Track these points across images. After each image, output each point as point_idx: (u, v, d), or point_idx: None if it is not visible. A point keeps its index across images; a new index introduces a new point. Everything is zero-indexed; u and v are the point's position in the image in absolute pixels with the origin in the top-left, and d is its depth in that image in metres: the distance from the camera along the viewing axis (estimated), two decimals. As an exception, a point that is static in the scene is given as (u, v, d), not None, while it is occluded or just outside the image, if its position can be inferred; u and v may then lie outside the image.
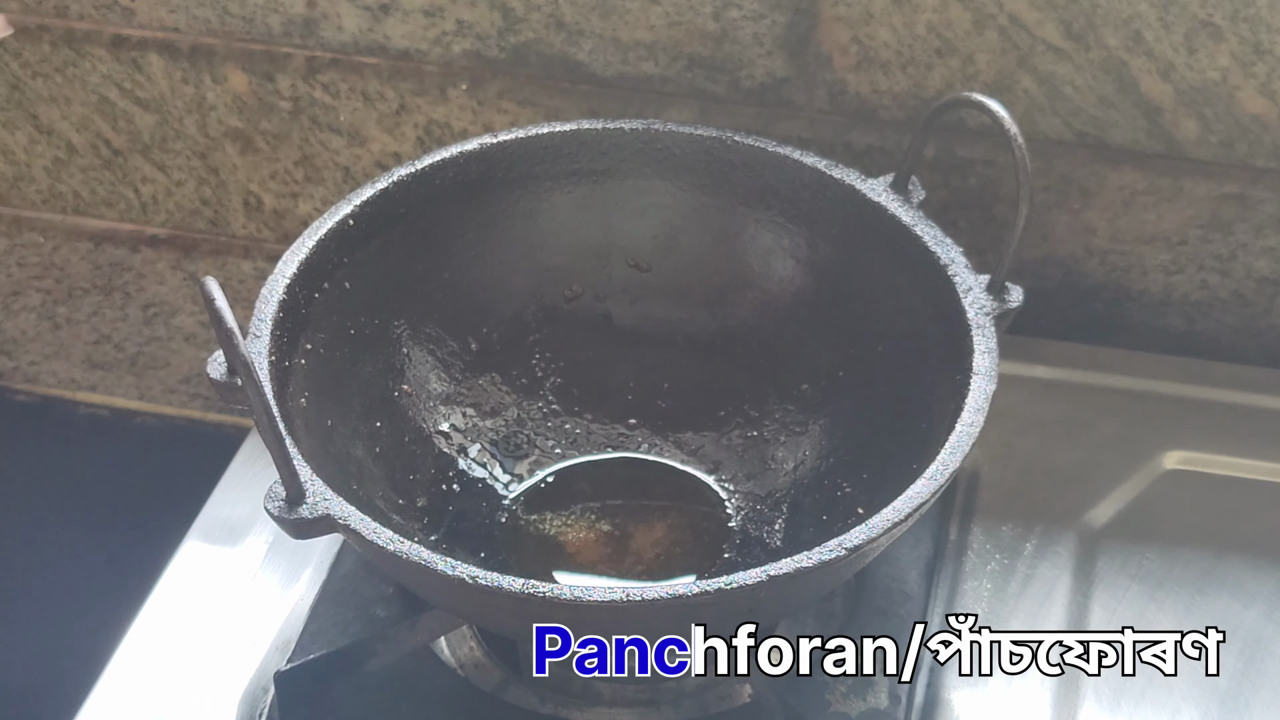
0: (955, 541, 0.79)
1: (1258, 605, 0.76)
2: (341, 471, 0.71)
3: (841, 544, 0.61)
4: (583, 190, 0.80)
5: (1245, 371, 0.89)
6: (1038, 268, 0.90)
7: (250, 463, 0.86)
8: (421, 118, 0.92)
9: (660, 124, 0.79)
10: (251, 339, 0.68)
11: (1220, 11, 0.80)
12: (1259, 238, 0.87)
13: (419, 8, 0.88)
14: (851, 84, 0.86)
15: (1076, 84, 0.84)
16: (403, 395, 0.78)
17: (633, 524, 0.78)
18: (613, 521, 0.78)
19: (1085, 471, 0.82)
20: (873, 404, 0.76)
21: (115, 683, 0.75)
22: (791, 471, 0.79)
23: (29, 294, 1.08)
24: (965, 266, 0.72)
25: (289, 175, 0.97)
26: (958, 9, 0.82)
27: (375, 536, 0.61)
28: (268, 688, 0.73)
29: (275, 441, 0.60)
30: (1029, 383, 0.86)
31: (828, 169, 0.77)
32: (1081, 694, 0.72)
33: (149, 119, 0.96)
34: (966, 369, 0.68)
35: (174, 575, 0.80)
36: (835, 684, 0.70)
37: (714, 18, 0.85)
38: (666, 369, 0.83)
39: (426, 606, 0.73)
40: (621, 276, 0.82)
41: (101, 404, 1.14)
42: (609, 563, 0.77)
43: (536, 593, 0.60)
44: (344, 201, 0.75)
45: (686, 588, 0.60)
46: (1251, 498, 0.81)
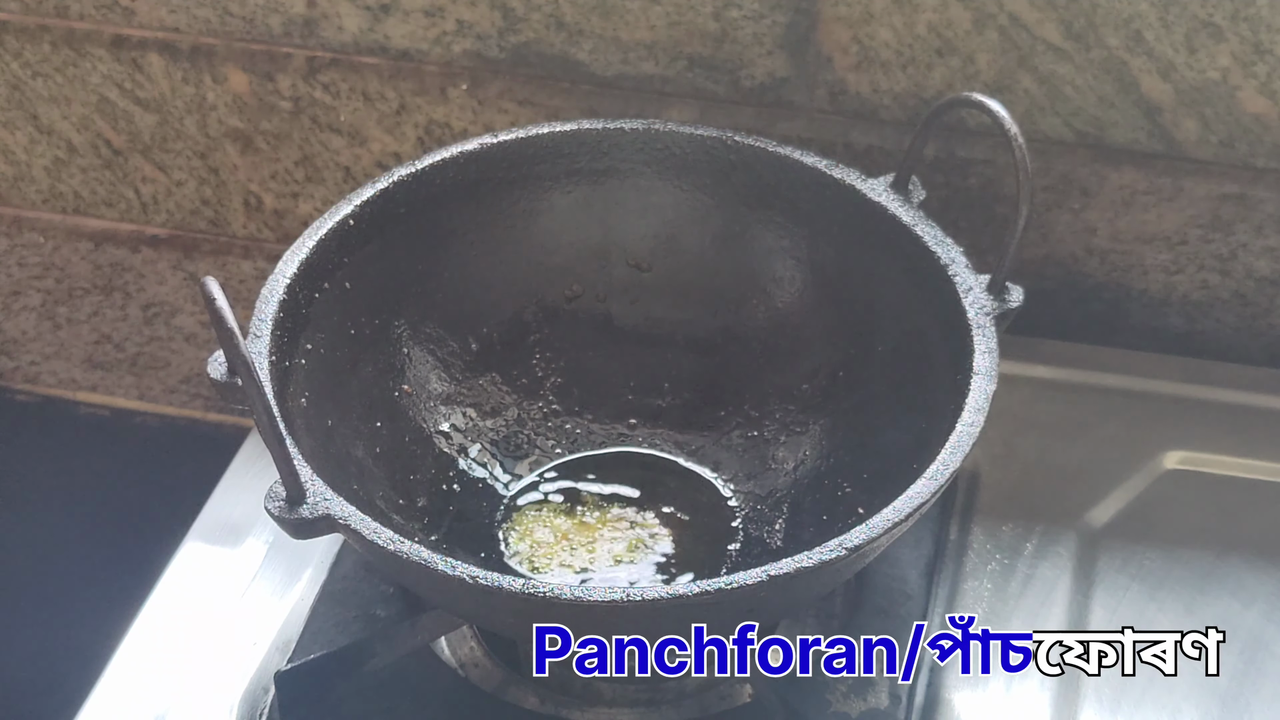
0: (955, 541, 0.79)
1: (1258, 605, 0.76)
2: (342, 471, 0.71)
3: (842, 544, 0.61)
4: (583, 190, 0.80)
5: (1245, 371, 0.89)
6: (1038, 268, 0.90)
7: (250, 463, 0.86)
8: (422, 118, 0.92)
9: (660, 124, 0.79)
10: (252, 339, 0.68)
11: (1220, 11, 0.80)
12: (1259, 238, 0.87)
13: (419, 8, 0.88)
14: (852, 84, 0.86)
15: (1077, 84, 0.84)
16: (403, 395, 0.78)
17: (633, 524, 0.78)
18: (612, 521, 0.78)
19: (1085, 471, 0.82)
20: (873, 404, 0.76)
21: (115, 683, 0.75)
22: (792, 471, 0.79)
23: (29, 294, 1.08)
24: (965, 266, 0.72)
25: (289, 175, 0.97)
26: (958, 9, 0.82)
27: (375, 536, 0.61)
28: (268, 688, 0.73)
29: (275, 441, 0.60)
30: (1029, 383, 0.86)
31: (828, 169, 0.77)
32: (1081, 694, 0.72)
33: (149, 119, 0.96)
34: (967, 369, 0.68)
35: (174, 575, 0.80)
36: (835, 684, 0.70)
37: (714, 18, 0.85)
38: (666, 369, 0.83)
39: (426, 606, 0.73)
40: (621, 276, 0.82)
41: (101, 404, 1.14)
42: (608, 562, 0.77)
43: (536, 593, 0.60)
44: (344, 201, 0.75)
45: (686, 588, 0.60)
46: (1251, 498, 0.81)
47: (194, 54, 0.93)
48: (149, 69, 0.94)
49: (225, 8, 0.90)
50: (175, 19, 0.92)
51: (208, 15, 0.91)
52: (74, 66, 0.95)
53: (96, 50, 0.94)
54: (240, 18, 0.91)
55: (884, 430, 0.75)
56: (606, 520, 0.78)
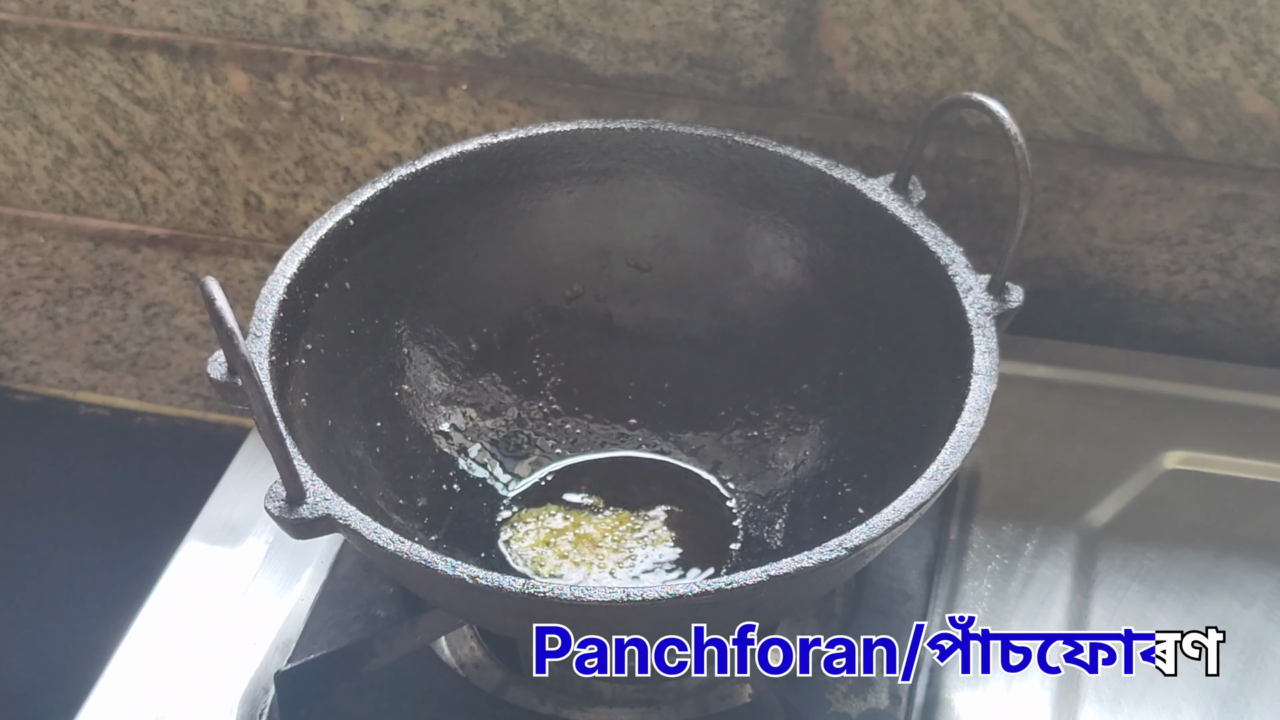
0: (955, 541, 0.79)
1: (1258, 605, 0.76)
2: (342, 471, 0.71)
3: (842, 544, 0.61)
4: (583, 190, 0.80)
5: (1245, 371, 0.89)
6: (1038, 268, 0.90)
7: (250, 463, 0.86)
8: (422, 118, 0.92)
9: (660, 124, 0.79)
10: (252, 339, 0.68)
11: (1220, 11, 0.80)
12: (1259, 238, 0.87)
13: (419, 8, 0.88)
14: (851, 84, 0.86)
15: (1077, 84, 0.84)
16: (403, 395, 0.78)
17: (633, 523, 0.78)
18: (612, 521, 0.78)
19: (1085, 471, 0.82)
20: (873, 404, 0.76)
21: (115, 683, 0.75)
22: (792, 471, 0.79)
23: (29, 294, 1.08)
24: (965, 266, 0.72)
25: (289, 175, 0.97)
26: (958, 9, 0.82)
27: (376, 536, 0.61)
28: (268, 688, 0.73)
29: (275, 441, 0.60)
30: (1029, 383, 0.86)
31: (828, 169, 0.77)
32: (1081, 694, 0.72)
33: (149, 119, 0.96)
34: (967, 369, 0.68)
35: (174, 575, 0.80)
36: (835, 684, 0.70)
37: (714, 18, 0.85)
38: (666, 369, 0.83)
39: (427, 606, 0.73)
40: (621, 276, 0.82)
41: (101, 404, 1.14)
42: (609, 562, 0.77)
43: (536, 593, 0.60)
44: (344, 201, 0.75)
45: (686, 588, 0.60)
46: (1251, 498, 0.81)
47: (194, 54, 0.93)
48: (149, 69, 0.94)
49: (225, 8, 0.90)
50: (175, 19, 0.92)
51: (208, 15, 0.91)
52: (74, 66, 0.95)
53: (96, 50, 0.94)
54: (240, 18, 0.91)
55: (884, 430, 0.75)
56: (606, 520, 0.78)
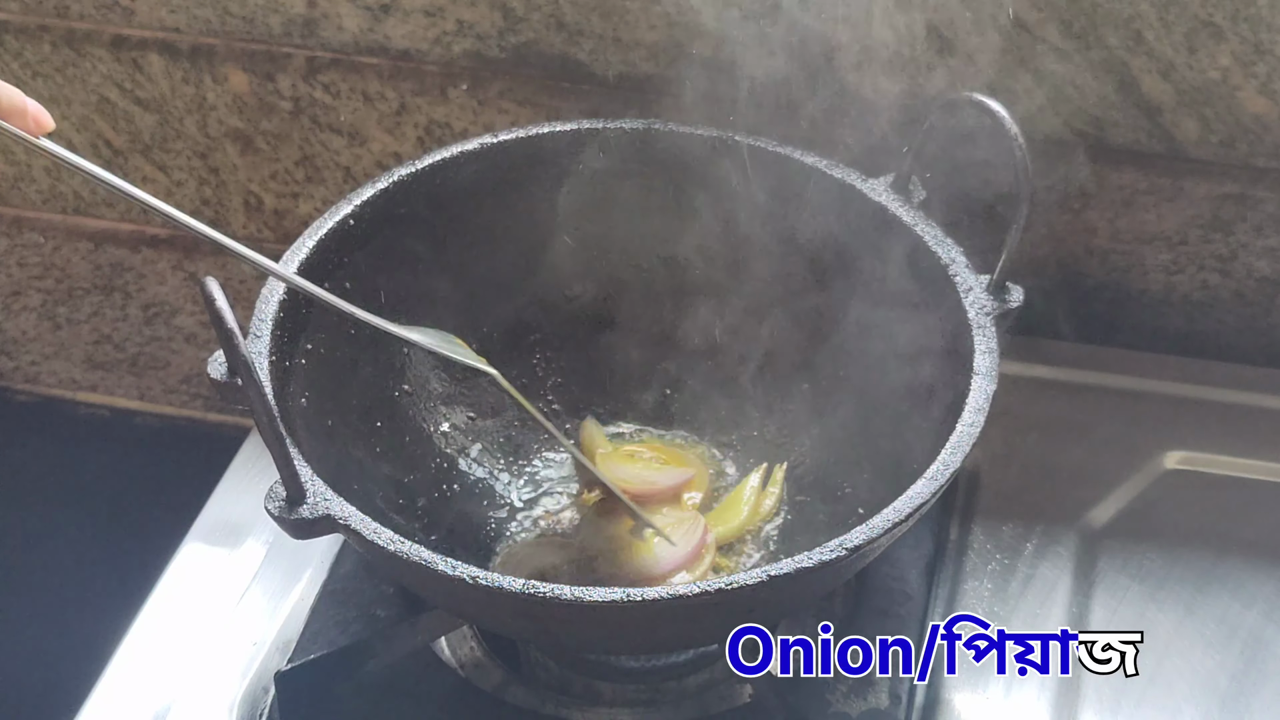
0: (956, 541, 0.79)
1: (1258, 605, 0.76)
2: (341, 471, 0.71)
3: (842, 544, 0.61)
4: (583, 190, 0.80)
5: (1245, 371, 0.89)
6: (1038, 268, 0.90)
7: (250, 463, 0.86)
8: (422, 118, 0.92)
9: (660, 124, 0.79)
10: (252, 339, 0.68)
11: (1221, 11, 0.80)
12: (1259, 237, 0.87)
13: (419, 8, 0.88)
14: (852, 84, 0.86)
15: (1077, 84, 0.84)
16: (403, 395, 0.78)
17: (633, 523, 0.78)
18: (613, 521, 0.78)
19: (1085, 471, 0.82)
20: (873, 404, 0.76)
21: (115, 683, 0.75)
22: (792, 471, 0.79)
23: (29, 294, 1.08)
24: (965, 266, 0.72)
25: (289, 175, 0.97)
26: (958, 9, 0.82)
27: (376, 537, 0.61)
28: (268, 688, 0.73)
29: (275, 441, 0.60)
30: (1029, 383, 0.86)
31: (828, 169, 0.77)
32: (1081, 694, 0.72)
33: (149, 119, 0.96)
34: (967, 369, 0.68)
35: (174, 575, 0.80)
36: (835, 684, 0.70)
37: (714, 18, 0.85)
38: (666, 369, 0.83)
39: (427, 606, 0.73)
40: (622, 276, 0.82)
41: (101, 404, 1.14)
42: (609, 562, 0.76)
43: (536, 593, 0.60)
44: (344, 201, 0.75)
45: (686, 588, 0.60)
46: (1251, 498, 0.81)
47: (194, 54, 0.93)
48: (149, 69, 0.94)
49: (225, 8, 0.90)
50: (175, 19, 0.92)
51: (208, 15, 0.91)
52: (74, 66, 0.95)
53: (96, 50, 0.94)
54: (240, 18, 0.91)
55: (884, 430, 0.75)
56: (607, 519, 0.78)
